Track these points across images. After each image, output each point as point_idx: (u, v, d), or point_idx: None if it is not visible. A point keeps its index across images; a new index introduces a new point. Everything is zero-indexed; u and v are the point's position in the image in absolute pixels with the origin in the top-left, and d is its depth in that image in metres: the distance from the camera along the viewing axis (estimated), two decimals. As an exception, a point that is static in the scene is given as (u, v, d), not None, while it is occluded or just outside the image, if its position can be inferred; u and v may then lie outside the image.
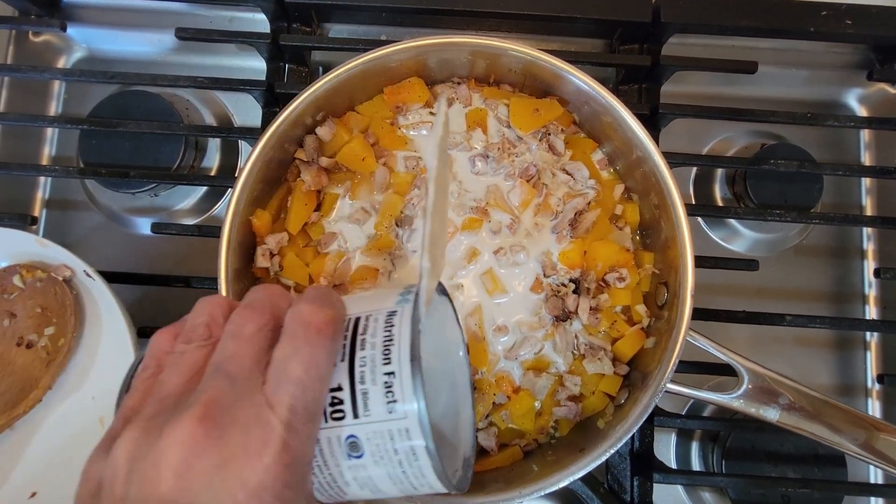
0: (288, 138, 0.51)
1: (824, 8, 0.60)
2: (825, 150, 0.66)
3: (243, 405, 0.27)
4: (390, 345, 0.29)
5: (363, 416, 0.29)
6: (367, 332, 0.30)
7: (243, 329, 0.29)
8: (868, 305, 0.64)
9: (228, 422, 0.26)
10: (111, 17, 0.66)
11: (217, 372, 0.28)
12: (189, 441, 0.25)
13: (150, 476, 0.25)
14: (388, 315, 0.30)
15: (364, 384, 0.29)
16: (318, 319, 0.29)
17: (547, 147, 0.53)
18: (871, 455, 0.45)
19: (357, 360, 0.29)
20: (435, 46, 0.49)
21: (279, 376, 0.28)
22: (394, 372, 0.29)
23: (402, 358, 0.29)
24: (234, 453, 0.25)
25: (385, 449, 0.29)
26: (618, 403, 0.50)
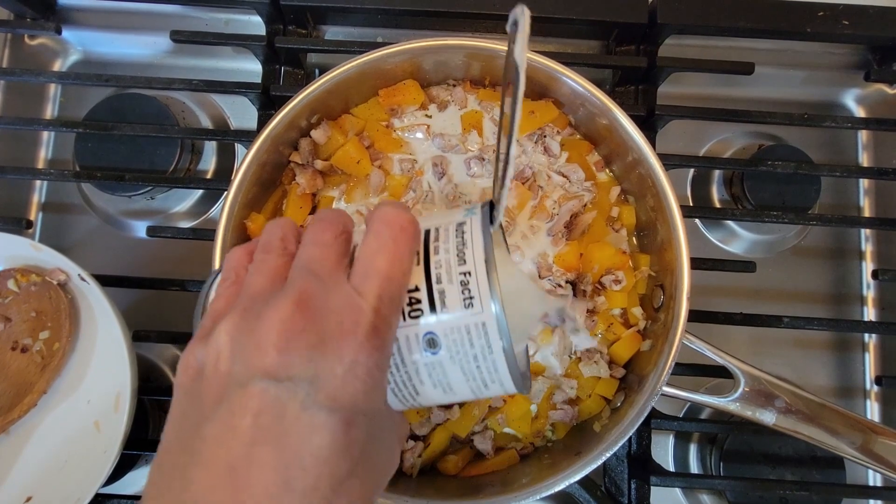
0: (283, 141, 0.51)
1: (821, 8, 0.59)
2: (823, 151, 0.66)
3: (334, 294, 0.28)
4: (464, 248, 0.31)
5: (441, 313, 0.30)
6: (440, 240, 0.32)
7: (322, 237, 0.31)
8: (866, 307, 0.64)
9: (322, 306, 0.27)
10: (107, 19, 0.66)
11: (303, 270, 0.29)
12: (288, 321, 0.26)
13: (253, 352, 0.26)
14: (457, 225, 0.32)
15: (441, 284, 0.30)
16: (401, 218, 0.30)
17: (542, 149, 0.53)
18: (869, 458, 0.45)
19: (433, 264, 0.31)
20: (430, 48, 0.49)
21: (366, 268, 0.29)
22: (469, 272, 0.30)
23: (477, 257, 0.31)
24: (330, 332, 0.27)
25: (462, 343, 0.30)
26: (614, 406, 0.50)
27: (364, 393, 0.27)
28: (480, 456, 0.51)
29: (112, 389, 0.52)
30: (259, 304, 0.28)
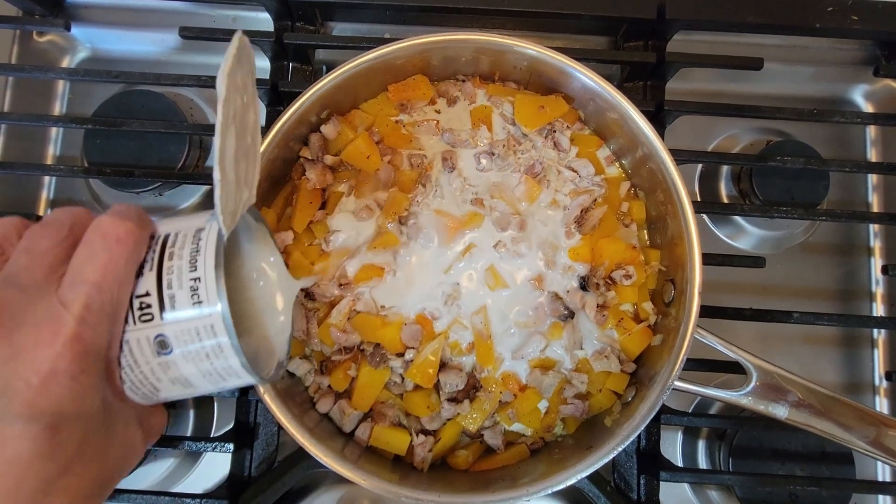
0: (293, 136, 0.51)
1: (830, 4, 0.59)
2: (831, 146, 0.66)
3: (34, 308, 0.29)
4: (197, 255, 0.33)
5: (170, 316, 0.32)
6: (176, 246, 0.33)
7: (38, 244, 0.31)
8: (875, 303, 0.64)
9: (19, 322, 0.28)
10: (115, 16, 0.66)
11: (6, 282, 0.29)
12: None
13: None
14: (196, 231, 0.34)
15: (171, 289, 0.32)
16: (117, 230, 0.31)
17: (552, 144, 0.53)
18: (881, 452, 0.45)
19: (164, 269, 0.33)
20: (439, 43, 0.49)
21: (73, 278, 0.30)
22: (199, 277, 0.32)
23: (207, 263, 0.32)
24: (24, 346, 0.28)
25: (193, 344, 0.32)
26: (625, 401, 0.50)
27: (71, 398, 0.28)
28: (491, 451, 0.51)
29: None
30: None
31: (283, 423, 0.44)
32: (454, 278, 0.50)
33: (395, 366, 0.49)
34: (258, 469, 0.54)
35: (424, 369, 0.48)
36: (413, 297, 0.49)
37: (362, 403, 0.49)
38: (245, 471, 0.54)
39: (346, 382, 0.50)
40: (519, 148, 0.52)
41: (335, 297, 0.49)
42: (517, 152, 0.52)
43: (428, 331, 0.49)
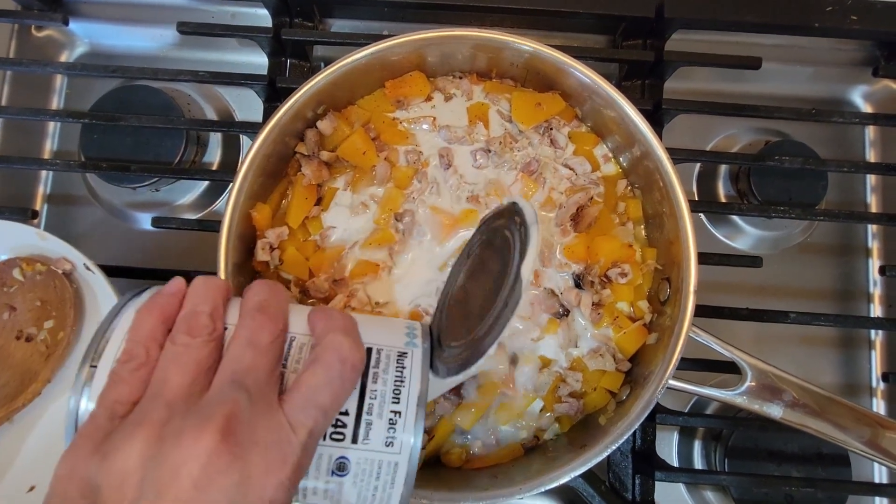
0: (289, 132, 0.51)
1: (829, 4, 0.59)
2: (830, 147, 0.66)
3: (264, 423, 0.27)
4: (401, 385, 0.32)
5: (361, 443, 0.31)
6: (380, 367, 0.33)
7: (260, 338, 0.29)
8: (873, 303, 0.64)
9: (249, 440, 0.26)
10: (113, 11, 0.66)
11: (235, 384, 0.27)
12: (212, 455, 0.25)
13: (169, 485, 0.24)
14: (398, 355, 0.33)
15: (370, 415, 0.31)
16: (354, 358, 0.30)
17: (549, 141, 0.53)
18: (877, 452, 0.44)
19: (368, 392, 0.32)
20: (437, 40, 0.49)
21: (307, 401, 0.28)
22: (400, 412, 0.32)
23: (411, 401, 0.32)
24: (254, 471, 0.26)
25: (369, 474, 0.32)
26: (619, 400, 0.50)
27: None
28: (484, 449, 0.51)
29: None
30: (177, 420, 0.26)
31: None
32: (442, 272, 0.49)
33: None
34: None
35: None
36: (407, 292, 0.49)
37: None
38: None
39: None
40: (515, 145, 0.52)
41: (329, 293, 0.49)
42: (514, 149, 0.52)
43: (422, 327, 0.49)
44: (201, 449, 0.25)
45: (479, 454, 0.50)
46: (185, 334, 0.29)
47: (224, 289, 0.32)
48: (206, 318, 0.29)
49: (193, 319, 0.29)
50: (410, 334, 0.35)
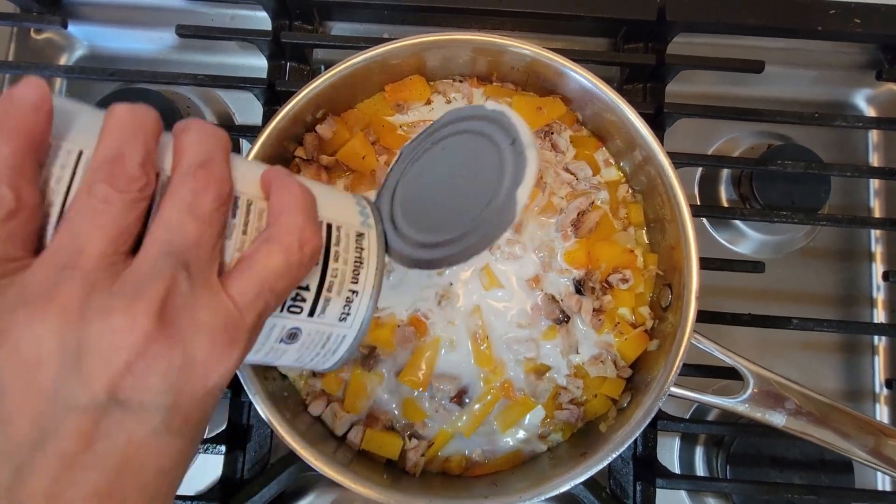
0: (288, 136, 0.50)
1: (832, 7, 0.59)
2: (832, 151, 0.65)
3: (206, 305, 0.24)
4: (360, 266, 0.32)
5: (317, 317, 0.31)
6: (341, 246, 0.32)
7: (202, 203, 0.24)
8: (876, 309, 0.63)
9: (189, 324, 0.23)
10: (113, 14, 0.66)
11: (170, 258, 0.23)
12: (147, 339, 0.22)
13: (96, 370, 0.21)
14: (357, 235, 0.33)
15: (330, 293, 0.31)
16: (314, 244, 0.27)
17: (550, 146, 0.52)
18: (880, 462, 0.44)
19: (329, 270, 0.31)
20: (437, 43, 0.49)
21: (262, 284, 0.25)
22: (357, 291, 0.32)
23: (368, 282, 0.33)
24: (198, 357, 0.23)
25: (316, 343, 0.32)
26: (620, 407, 0.49)
27: (214, 406, 0.25)
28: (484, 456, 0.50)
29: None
30: (100, 297, 0.22)
31: (273, 425, 0.44)
32: (447, 279, 0.49)
33: (388, 369, 0.49)
34: (251, 471, 0.54)
35: (417, 373, 0.48)
36: (405, 298, 0.49)
37: (355, 407, 0.49)
38: (237, 473, 0.54)
39: (339, 386, 0.49)
40: (516, 149, 0.52)
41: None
42: (514, 154, 0.52)
43: (421, 332, 0.48)
44: (136, 332, 0.21)
45: (478, 461, 0.50)
46: (108, 185, 0.23)
47: (157, 126, 0.25)
48: (136, 167, 0.23)
49: (119, 166, 0.23)
50: (363, 213, 0.34)
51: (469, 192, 0.35)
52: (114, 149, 0.24)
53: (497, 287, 0.49)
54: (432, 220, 0.36)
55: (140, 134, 0.24)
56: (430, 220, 0.36)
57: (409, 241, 0.36)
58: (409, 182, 0.39)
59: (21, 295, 0.22)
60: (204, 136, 0.26)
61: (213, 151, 0.26)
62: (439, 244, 0.35)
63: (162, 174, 0.26)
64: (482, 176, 0.35)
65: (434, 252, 0.35)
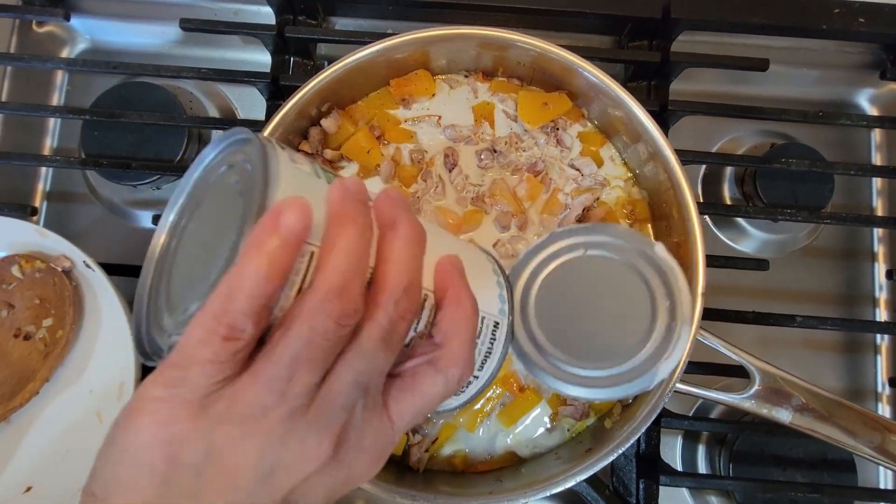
0: (292, 129, 0.50)
1: (837, 6, 0.59)
2: (835, 150, 0.65)
3: (372, 430, 0.26)
4: (488, 357, 0.33)
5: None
6: (480, 338, 0.33)
7: (397, 334, 0.25)
8: (879, 308, 0.63)
9: (357, 446, 0.26)
10: (115, 7, 0.66)
11: (358, 387, 0.25)
12: (324, 462, 0.25)
13: (278, 484, 0.24)
14: (494, 325, 0.33)
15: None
16: (466, 376, 0.28)
17: (555, 142, 0.52)
18: (886, 458, 0.44)
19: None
20: (442, 37, 0.49)
21: (418, 411, 0.27)
22: (477, 377, 0.34)
23: (488, 371, 0.34)
24: (355, 472, 0.26)
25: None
26: (625, 403, 0.49)
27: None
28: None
29: (115, 379, 0.51)
30: (299, 425, 0.24)
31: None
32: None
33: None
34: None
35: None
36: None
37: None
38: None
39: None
40: (521, 145, 0.52)
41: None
42: (519, 149, 0.52)
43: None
44: (320, 459, 0.25)
45: (482, 457, 0.49)
46: (334, 321, 0.23)
47: (371, 228, 0.25)
48: (359, 298, 0.24)
49: (342, 302, 0.23)
50: (501, 297, 0.34)
51: (611, 331, 0.35)
52: (344, 275, 0.23)
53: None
54: (563, 332, 0.36)
55: (365, 253, 0.24)
56: (561, 331, 0.36)
57: (530, 334, 0.36)
58: (552, 278, 0.37)
59: (230, 411, 0.24)
60: (411, 246, 0.26)
61: (416, 269, 0.26)
62: (556, 358, 0.35)
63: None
64: (631, 324, 0.34)
65: (545, 361, 0.36)
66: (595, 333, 0.35)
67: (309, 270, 0.24)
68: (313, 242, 0.24)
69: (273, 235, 0.22)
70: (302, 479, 0.25)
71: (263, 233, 0.23)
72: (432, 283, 0.29)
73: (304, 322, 0.23)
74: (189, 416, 0.23)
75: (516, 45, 0.49)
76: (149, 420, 0.23)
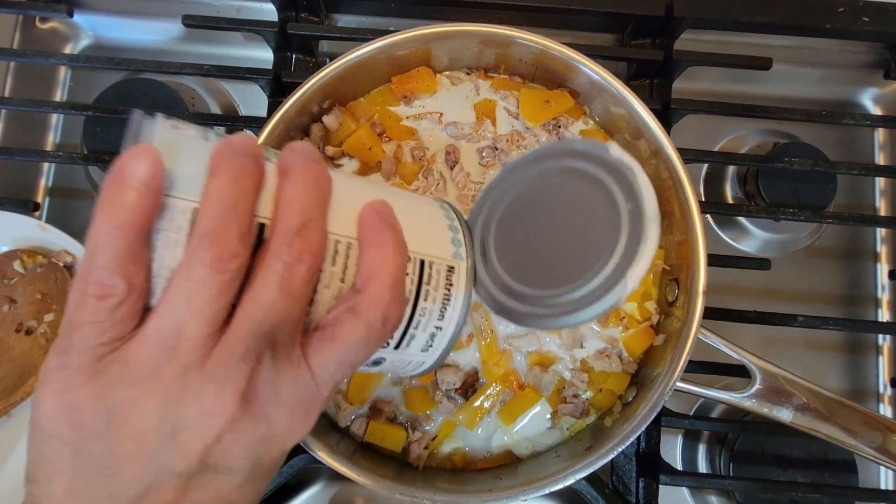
0: (294, 126, 0.50)
1: (841, 5, 0.59)
2: (839, 150, 0.65)
3: (288, 382, 0.25)
4: (447, 304, 0.32)
5: (402, 350, 0.32)
6: (432, 284, 0.31)
7: (295, 278, 0.24)
8: (881, 308, 0.63)
9: (271, 400, 0.25)
10: (118, 4, 0.66)
11: (259, 338, 0.24)
12: (234, 418, 0.24)
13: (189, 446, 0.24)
14: (448, 270, 0.32)
15: (416, 329, 0.31)
16: (397, 319, 0.27)
17: (557, 139, 0.52)
18: (888, 458, 0.44)
19: (419, 309, 0.31)
20: (444, 34, 0.49)
21: (342, 360, 0.26)
22: (441, 328, 0.32)
23: (453, 319, 0.32)
24: (277, 429, 0.26)
25: (396, 366, 0.33)
26: (626, 402, 0.49)
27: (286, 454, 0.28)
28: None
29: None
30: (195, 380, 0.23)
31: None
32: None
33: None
34: (252, 463, 0.54)
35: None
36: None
37: (358, 399, 0.49)
38: (238, 465, 0.54)
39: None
40: (523, 143, 0.52)
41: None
42: (521, 147, 0.52)
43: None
44: (224, 416, 0.24)
45: (482, 455, 0.49)
46: (209, 267, 0.23)
47: (259, 174, 0.25)
48: (236, 243, 0.23)
49: (219, 245, 0.23)
50: (455, 241, 0.33)
51: (575, 249, 0.32)
52: (216, 220, 0.23)
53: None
54: (528, 266, 0.33)
55: (242, 198, 0.24)
56: (526, 267, 0.33)
57: (497, 281, 0.34)
58: (508, 212, 0.35)
59: (124, 372, 0.24)
60: (306, 188, 0.25)
61: (312, 210, 0.25)
62: (530, 298, 0.33)
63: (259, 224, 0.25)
64: (593, 236, 0.31)
65: (522, 305, 0.33)
66: (560, 255, 0.33)
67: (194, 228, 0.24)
68: (191, 199, 0.24)
69: (121, 186, 0.22)
70: (213, 438, 0.24)
71: (109, 185, 0.23)
72: (355, 232, 0.28)
73: (181, 273, 0.23)
74: (83, 381, 0.23)
75: (518, 43, 0.49)
76: (48, 390, 0.24)
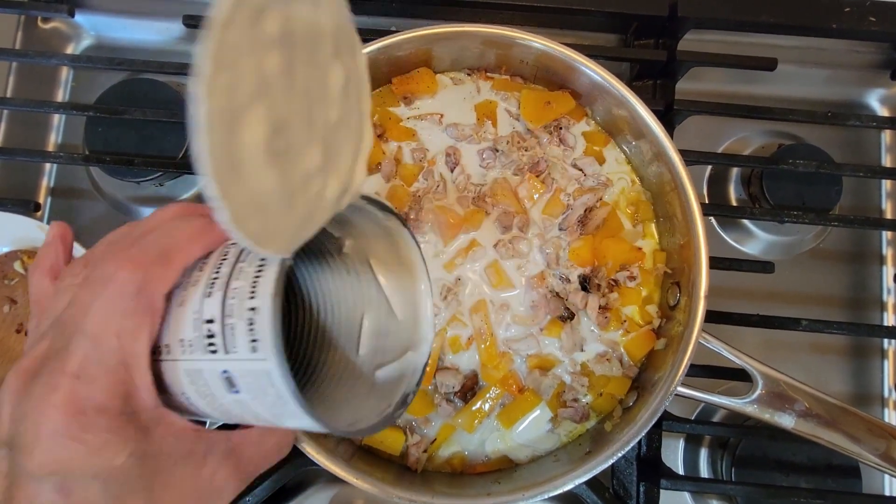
0: (293, 127, 0.50)
1: (847, 5, 0.58)
2: (844, 151, 0.64)
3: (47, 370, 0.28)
4: (260, 275, 0.25)
5: (231, 353, 0.26)
6: (246, 261, 0.27)
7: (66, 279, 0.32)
8: (886, 312, 0.62)
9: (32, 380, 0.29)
10: (120, 4, 0.66)
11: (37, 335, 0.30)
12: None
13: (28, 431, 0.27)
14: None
15: (231, 318, 0.26)
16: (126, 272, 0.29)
17: (558, 141, 0.52)
18: (891, 465, 0.43)
19: (230, 292, 0.26)
20: (445, 35, 0.48)
21: (73, 327, 0.29)
22: (256, 307, 0.25)
23: (265, 291, 0.25)
24: (29, 406, 0.28)
25: (258, 387, 0.26)
26: (626, 406, 0.49)
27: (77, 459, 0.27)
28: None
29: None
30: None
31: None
32: (454, 274, 0.49)
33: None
34: (251, 465, 0.53)
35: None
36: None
37: (357, 401, 0.49)
38: (238, 466, 0.54)
39: (341, 379, 0.49)
40: (523, 144, 0.51)
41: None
42: (521, 149, 0.51)
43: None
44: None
45: (481, 459, 0.49)
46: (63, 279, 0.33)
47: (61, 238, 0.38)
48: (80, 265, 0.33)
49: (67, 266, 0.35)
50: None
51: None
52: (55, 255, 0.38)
53: (503, 284, 0.49)
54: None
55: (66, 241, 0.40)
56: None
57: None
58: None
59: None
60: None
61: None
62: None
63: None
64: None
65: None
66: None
67: None
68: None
69: None
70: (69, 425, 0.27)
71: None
72: None
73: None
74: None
75: (519, 43, 0.48)
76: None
